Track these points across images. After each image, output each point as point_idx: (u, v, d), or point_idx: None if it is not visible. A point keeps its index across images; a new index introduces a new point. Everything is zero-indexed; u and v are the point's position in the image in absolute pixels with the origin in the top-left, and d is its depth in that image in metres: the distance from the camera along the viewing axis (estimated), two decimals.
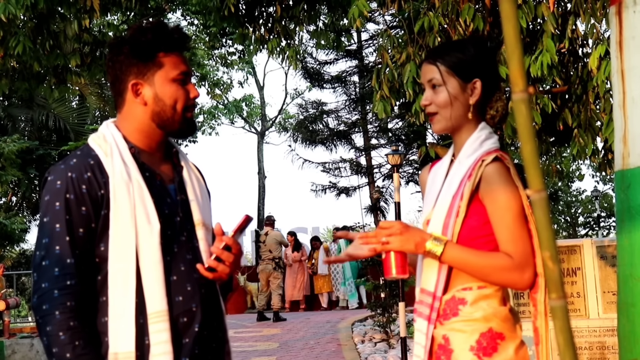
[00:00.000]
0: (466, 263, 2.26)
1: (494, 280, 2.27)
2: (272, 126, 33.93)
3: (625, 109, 2.59)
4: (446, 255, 2.26)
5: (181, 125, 2.32)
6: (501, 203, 2.25)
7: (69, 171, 2.20)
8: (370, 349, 10.68)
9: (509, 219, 2.24)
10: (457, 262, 2.27)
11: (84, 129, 21.66)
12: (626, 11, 2.60)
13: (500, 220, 2.26)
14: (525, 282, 2.25)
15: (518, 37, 1.17)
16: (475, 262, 2.26)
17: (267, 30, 8.47)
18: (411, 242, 2.29)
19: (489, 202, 2.27)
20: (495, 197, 2.26)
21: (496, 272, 2.25)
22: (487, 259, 2.25)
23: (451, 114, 2.38)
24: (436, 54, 2.45)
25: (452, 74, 2.38)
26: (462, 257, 2.26)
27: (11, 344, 13.19)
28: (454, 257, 2.27)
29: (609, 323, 6.56)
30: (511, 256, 2.24)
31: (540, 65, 5.64)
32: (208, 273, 2.25)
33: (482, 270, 2.26)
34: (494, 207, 2.27)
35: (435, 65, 2.41)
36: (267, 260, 15.00)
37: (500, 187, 2.26)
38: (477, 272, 2.27)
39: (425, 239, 2.29)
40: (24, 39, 7.77)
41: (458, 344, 2.28)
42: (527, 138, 1.17)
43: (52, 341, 2.08)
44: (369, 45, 22.80)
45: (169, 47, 2.30)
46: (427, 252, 2.29)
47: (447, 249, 2.26)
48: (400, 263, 2.34)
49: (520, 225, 2.25)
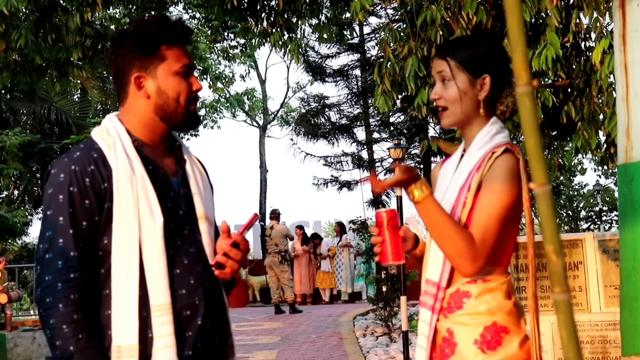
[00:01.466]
0: (433, 219, 2.23)
1: (446, 249, 2.25)
2: (274, 120, 33.91)
3: (628, 102, 2.59)
4: (423, 202, 2.24)
5: (184, 118, 2.32)
6: (494, 194, 2.26)
7: (72, 164, 2.20)
8: (372, 342, 10.69)
9: (492, 208, 2.25)
10: (427, 214, 2.24)
11: (86, 123, 21.66)
12: (630, 5, 2.60)
13: (484, 206, 2.26)
14: (472, 271, 2.24)
15: (522, 30, 1.17)
16: (441, 224, 2.23)
17: (269, 23, 8.45)
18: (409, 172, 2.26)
19: (484, 188, 2.28)
20: (491, 185, 2.27)
21: (452, 243, 2.22)
22: (453, 228, 2.22)
23: (460, 109, 2.39)
24: (447, 49, 2.45)
25: (461, 69, 2.39)
26: (435, 212, 2.24)
27: (13, 337, 13.21)
28: (428, 209, 2.24)
29: (611, 317, 6.56)
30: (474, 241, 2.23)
31: (544, 59, 5.63)
32: (216, 270, 2.26)
33: (441, 233, 2.23)
34: (485, 194, 2.27)
35: (445, 60, 2.41)
36: (274, 254, 15.18)
37: (500, 178, 2.27)
38: (437, 233, 2.24)
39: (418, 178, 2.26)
40: (26, 32, 7.76)
41: (462, 338, 2.29)
42: (531, 131, 1.16)
43: (56, 334, 2.08)
44: (371, 39, 22.74)
45: (171, 40, 2.30)
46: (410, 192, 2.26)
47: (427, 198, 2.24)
48: (395, 249, 2.36)
49: (499, 219, 2.25)
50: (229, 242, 2.27)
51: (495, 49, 2.44)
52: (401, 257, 2.36)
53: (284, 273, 15.15)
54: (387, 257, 2.36)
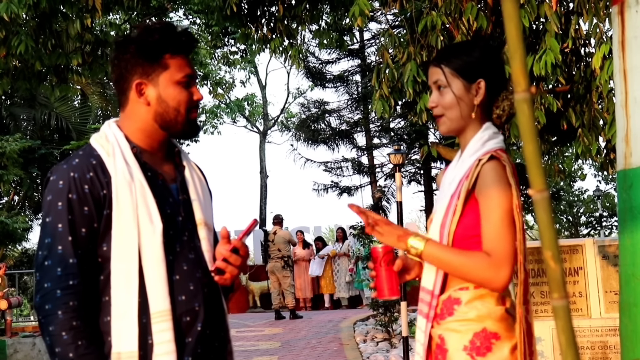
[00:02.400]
0: (444, 261, 2.29)
1: (471, 279, 2.29)
2: (274, 125, 33.93)
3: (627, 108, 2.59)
4: (425, 251, 2.30)
5: (184, 126, 2.32)
6: (491, 201, 2.26)
7: (71, 171, 2.20)
8: (372, 348, 10.67)
9: (496, 216, 2.25)
10: (436, 260, 2.31)
11: (86, 128, 21.66)
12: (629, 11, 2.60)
13: (487, 217, 2.27)
14: (501, 281, 2.25)
15: (520, 37, 1.17)
16: (452, 260, 2.28)
17: (269, 29, 8.46)
18: (393, 236, 2.34)
19: (481, 199, 2.30)
20: (487, 194, 2.28)
21: (472, 271, 2.26)
22: (464, 258, 2.27)
23: (456, 115, 2.40)
24: (441, 56, 2.47)
25: (456, 75, 2.40)
26: (440, 254, 2.29)
27: (13, 343, 13.20)
28: (433, 254, 2.29)
29: (611, 323, 6.56)
30: (489, 254, 2.25)
31: (544, 65, 5.64)
32: (216, 275, 2.26)
33: (459, 269, 2.28)
34: (484, 204, 2.28)
35: (440, 67, 2.43)
36: (276, 259, 15.20)
37: (492, 184, 2.27)
38: (455, 270, 2.29)
39: (407, 234, 2.33)
40: (26, 38, 7.77)
41: (452, 344, 2.30)
42: (529, 138, 1.17)
43: (55, 341, 2.08)
44: (371, 44, 22.76)
45: (175, 50, 2.29)
46: (409, 248, 2.32)
47: (427, 246, 2.30)
48: (390, 285, 2.40)
49: (505, 224, 2.25)
50: (229, 247, 2.27)
51: (490, 53, 2.45)
52: (395, 292, 2.42)
53: (286, 278, 15.17)
54: (383, 292, 2.42)
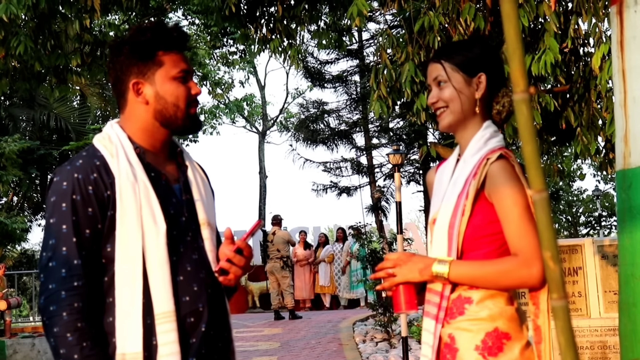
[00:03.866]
0: (474, 276, 2.27)
1: (506, 286, 2.27)
2: (273, 126, 33.93)
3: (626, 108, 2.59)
4: (452, 274, 2.27)
5: (184, 121, 2.33)
6: (507, 200, 2.25)
7: (75, 172, 2.20)
8: (372, 348, 10.68)
9: (515, 214, 2.24)
10: (465, 277, 2.27)
11: (85, 129, 21.66)
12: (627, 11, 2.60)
13: (507, 216, 2.25)
14: (535, 278, 2.22)
15: (519, 37, 1.17)
16: (482, 273, 2.26)
17: (268, 30, 8.46)
18: (415, 271, 2.31)
19: (496, 200, 2.27)
20: (502, 194, 2.25)
21: (505, 277, 2.24)
22: (493, 267, 2.25)
23: (458, 107, 2.38)
24: (441, 52, 2.47)
25: (456, 69, 2.39)
26: (469, 271, 2.27)
27: (12, 343, 13.20)
28: (461, 273, 2.27)
29: (610, 322, 6.56)
30: (517, 254, 2.23)
31: (543, 64, 5.64)
32: (220, 276, 2.27)
33: (490, 280, 2.26)
34: (500, 204, 2.26)
35: (440, 63, 2.42)
36: (275, 259, 15.22)
37: (505, 184, 2.25)
38: (487, 282, 2.27)
39: (429, 264, 2.30)
40: (25, 38, 7.77)
41: (463, 343, 2.28)
42: (528, 138, 1.17)
43: (60, 342, 2.09)
44: (370, 44, 22.78)
45: (168, 46, 2.31)
46: (434, 277, 2.29)
47: (452, 268, 2.27)
48: (408, 298, 2.35)
49: (527, 221, 2.23)
50: (233, 248, 2.28)
51: (490, 49, 2.45)
52: (413, 306, 2.36)
53: (285, 279, 15.19)
54: (400, 306, 2.37)
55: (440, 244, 2.35)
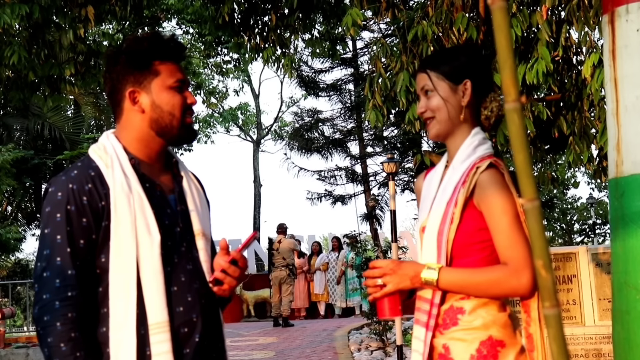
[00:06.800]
0: (463, 284, 2.27)
1: (495, 294, 2.28)
2: (267, 134, 33.94)
3: (618, 117, 2.60)
4: (441, 280, 2.27)
5: (180, 131, 2.33)
6: (497, 209, 2.25)
7: (69, 182, 2.21)
8: (367, 357, 10.66)
9: (504, 223, 2.24)
10: (454, 285, 2.28)
11: (80, 138, 21.62)
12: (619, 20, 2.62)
13: (496, 225, 2.26)
14: (525, 286, 2.23)
15: (510, 47, 1.18)
16: (472, 282, 2.26)
17: (262, 39, 8.48)
18: (406, 279, 2.31)
19: (486, 209, 2.28)
20: (491, 203, 2.26)
21: (494, 286, 2.25)
22: (483, 275, 2.26)
23: (445, 116, 2.39)
24: (426, 62, 2.48)
25: (442, 78, 2.40)
26: (458, 279, 2.27)
27: (6, 353, 13.14)
28: (450, 281, 2.27)
29: (604, 330, 6.57)
30: (506, 263, 2.24)
31: (535, 73, 5.66)
32: (214, 286, 2.27)
33: (480, 288, 2.27)
34: (490, 213, 2.27)
35: (426, 72, 2.43)
36: (281, 268, 15.28)
37: (495, 193, 2.26)
38: (476, 290, 2.27)
39: (418, 271, 2.30)
40: (19, 48, 7.78)
41: (458, 353, 2.28)
42: (519, 147, 1.18)
43: (54, 352, 2.09)
44: (364, 53, 22.82)
45: (164, 56, 2.32)
46: (424, 283, 2.30)
47: (441, 275, 2.27)
48: (392, 304, 2.36)
49: (516, 230, 2.24)
50: (228, 259, 2.28)
51: (475, 56, 2.46)
52: (397, 312, 2.37)
53: (289, 286, 15.26)
54: (384, 312, 2.37)
55: (429, 252, 2.35)
